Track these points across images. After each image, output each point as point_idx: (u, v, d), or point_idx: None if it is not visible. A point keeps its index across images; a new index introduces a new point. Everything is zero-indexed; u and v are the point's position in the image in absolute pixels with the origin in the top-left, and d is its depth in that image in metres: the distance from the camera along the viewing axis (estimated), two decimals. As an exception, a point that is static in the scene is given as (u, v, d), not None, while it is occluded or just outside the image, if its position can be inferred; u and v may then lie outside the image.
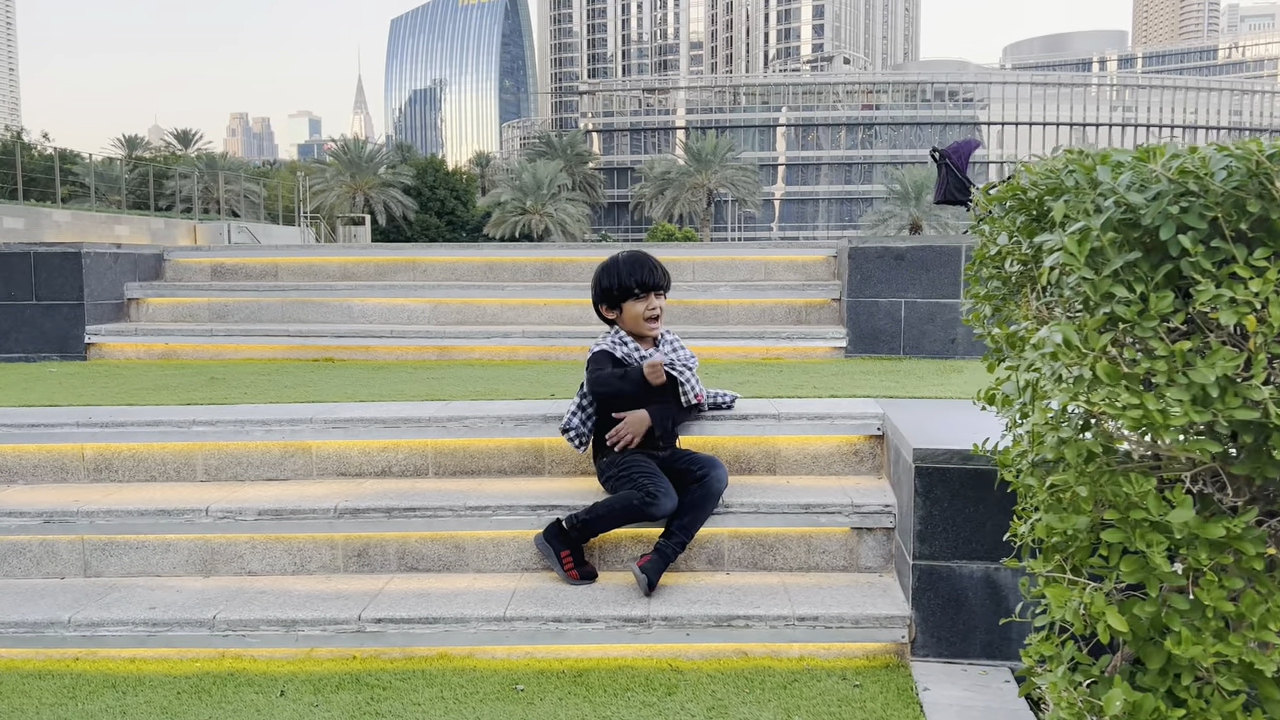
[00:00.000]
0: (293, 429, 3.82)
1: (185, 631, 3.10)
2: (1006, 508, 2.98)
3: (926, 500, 3.02)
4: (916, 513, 3.03)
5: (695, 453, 3.56)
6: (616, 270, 3.57)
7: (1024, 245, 2.20)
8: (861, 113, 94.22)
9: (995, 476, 2.99)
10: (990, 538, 3.01)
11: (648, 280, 3.53)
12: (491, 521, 3.45)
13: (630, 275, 3.53)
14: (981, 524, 3.01)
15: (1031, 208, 2.21)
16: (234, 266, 6.65)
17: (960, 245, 5.42)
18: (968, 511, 3.01)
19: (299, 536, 3.50)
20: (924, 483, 3.02)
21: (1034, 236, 2.21)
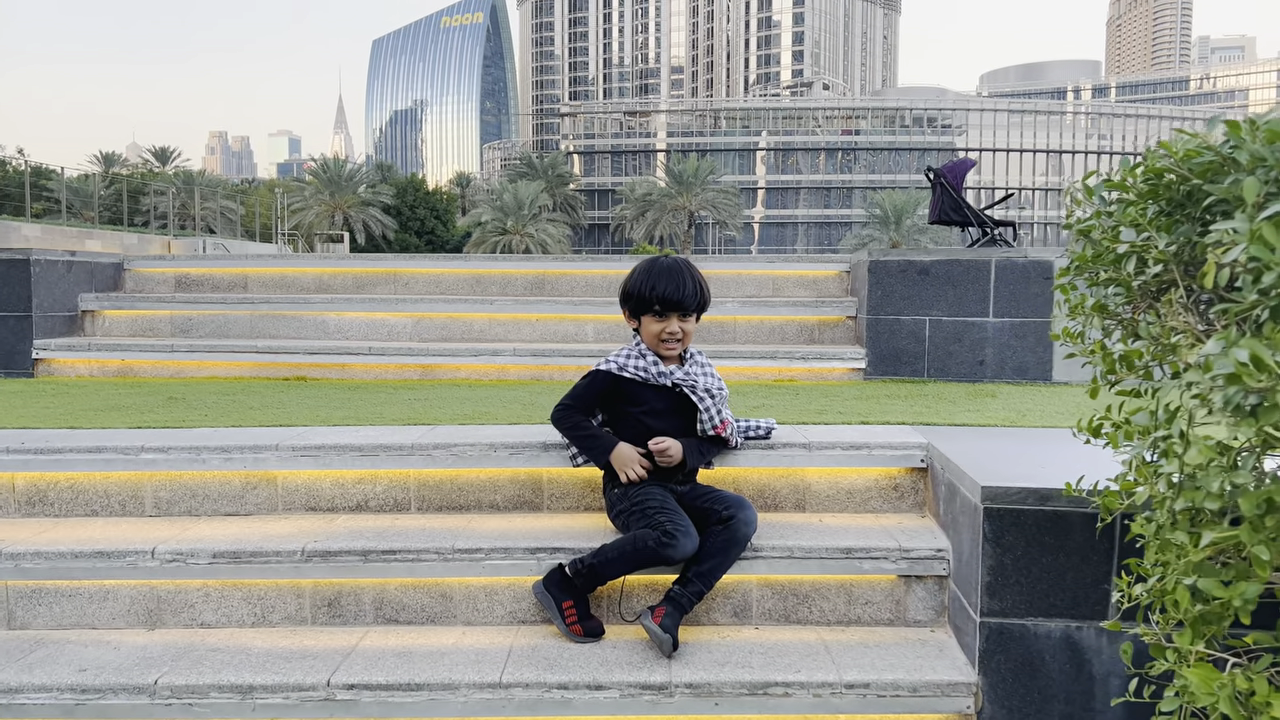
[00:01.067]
0: (256, 457, 3.34)
1: (121, 699, 2.61)
2: (1090, 557, 2.56)
3: (997, 547, 2.59)
4: (984, 561, 2.59)
5: (719, 490, 3.10)
6: (645, 276, 3.10)
7: (1161, 243, 1.77)
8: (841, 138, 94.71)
9: (1079, 521, 2.56)
10: (1071, 591, 2.57)
11: (671, 298, 3.05)
12: (484, 566, 2.98)
13: (654, 287, 3.06)
14: (1061, 575, 2.57)
15: (1173, 192, 1.79)
16: (200, 277, 6.15)
17: (990, 259, 5.01)
18: (1045, 561, 2.58)
19: (260, 583, 3.02)
20: (994, 527, 2.58)
21: (1172, 230, 1.79)
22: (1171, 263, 1.76)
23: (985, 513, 2.59)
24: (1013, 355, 5.03)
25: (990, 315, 5.01)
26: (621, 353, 3.16)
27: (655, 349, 3.11)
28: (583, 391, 3.13)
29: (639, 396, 3.10)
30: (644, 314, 3.09)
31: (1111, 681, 2.57)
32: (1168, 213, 1.85)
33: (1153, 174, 1.77)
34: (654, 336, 3.09)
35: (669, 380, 3.09)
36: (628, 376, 3.09)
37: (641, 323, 3.12)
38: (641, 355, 3.12)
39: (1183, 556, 1.71)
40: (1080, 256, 2.13)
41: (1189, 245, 1.77)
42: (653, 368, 3.09)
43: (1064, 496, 2.55)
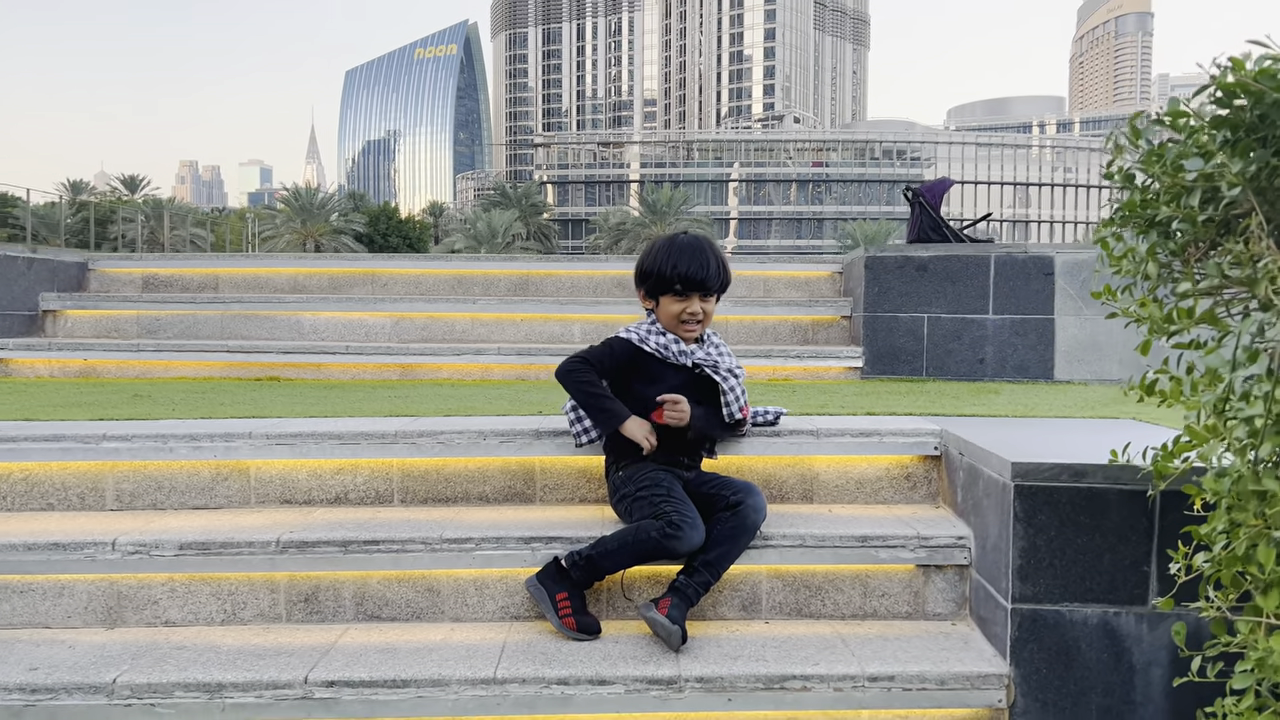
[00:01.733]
0: (227, 445, 3.11)
1: (75, 699, 2.37)
2: (1129, 537, 2.39)
3: (1029, 528, 2.41)
4: (1015, 544, 2.42)
5: (726, 476, 2.92)
6: (666, 254, 2.89)
7: (1235, 167, 1.62)
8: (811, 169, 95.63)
9: (1116, 499, 2.40)
10: (1108, 575, 2.40)
11: (694, 277, 2.85)
12: (475, 557, 2.76)
13: (675, 266, 2.85)
14: (1098, 557, 2.40)
15: (1243, 117, 1.64)
16: (169, 278, 5.91)
17: (989, 254, 4.89)
18: (1080, 542, 2.41)
19: (231, 577, 2.79)
20: (1026, 506, 2.41)
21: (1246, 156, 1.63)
22: (1247, 188, 1.60)
23: (1016, 491, 2.41)
24: (1014, 353, 4.90)
25: (990, 312, 4.88)
26: (640, 326, 2.95)
27: (674, 330, 2.92)
28: (600, 354, 2.90)
29: (657, 375, 2.90)
30: (664, 294, 2.89)
31: (1153, 671, 2.40)
32: (1234, 142, 1.70)
33: (1224, 90, 1.62)
34: (673, 317, 2.90)
35: (689, 360, 2.91)
36: (648, 351, 2.89)
37: (660, 303, 2.92)
38: (661, 333, 2.92)
39: (1271, 508, 1.54)
40: (1129, 203, 1.97)
41: (1266, 170, 1.62)
42: (673, 345, 2.90)
43: (1100, 472, 2.39)
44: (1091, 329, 4.86)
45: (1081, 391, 4.46)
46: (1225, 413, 1.66)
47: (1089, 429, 3.24)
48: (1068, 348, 4.87)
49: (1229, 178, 1.60)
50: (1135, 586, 2.40)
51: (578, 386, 2.87)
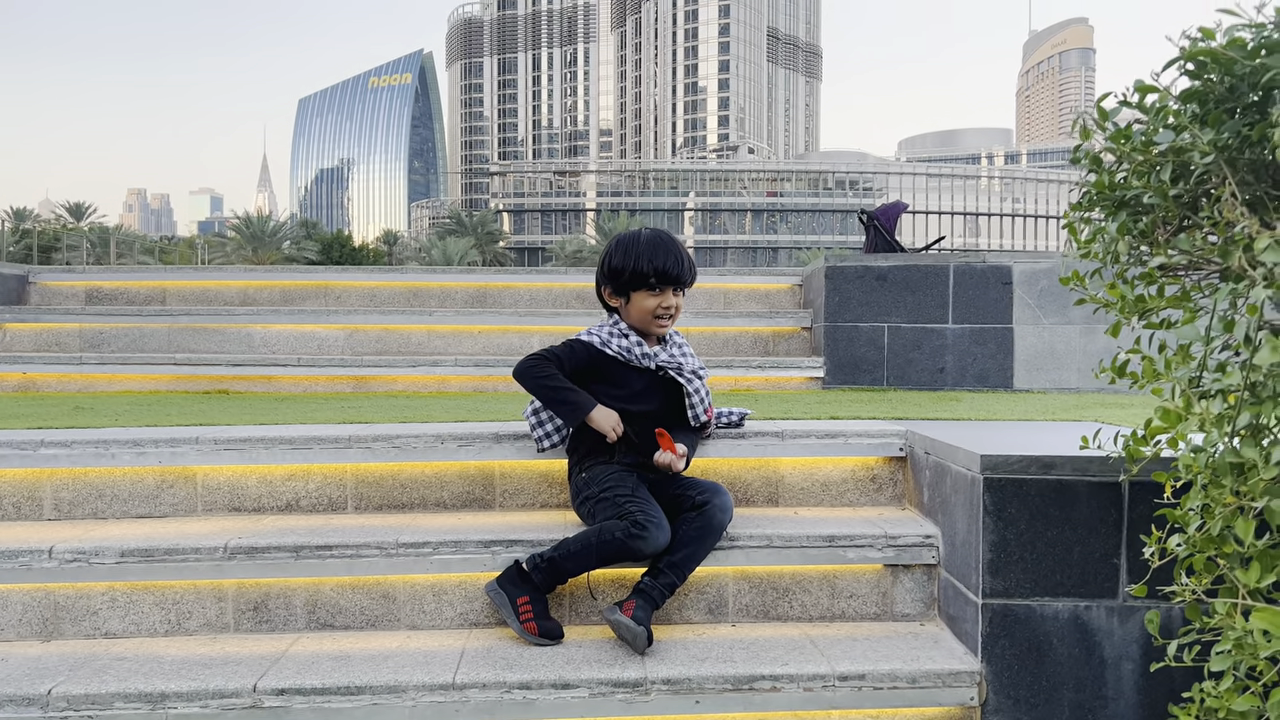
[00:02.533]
0: (173, 451, 2.99)
1: (6, 713, 2.23)
2: (1098, 529, 2.37)
3: (999, 521, 2.38)
4: (986, 538, 2.39)
5: (692, 477, 2.86)
6: (636, 249, 2.83)
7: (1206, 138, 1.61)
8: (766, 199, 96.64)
9: (1085, 491, 2.38)
10: (1078, 568, 2.37)
11: (670, 271, 2.81)
12: (432, 562, 2.67)
13: (651, 260, 2.80)
14: (1068, 550, 2.38)
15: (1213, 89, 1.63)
16: (114, 291, 5.74)
17: (948, 264, 4.91)
18: (1050, 535, 2.38)
19: (175, 585, 2.66)
20: (995, 499, 2.38)
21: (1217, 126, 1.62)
22: (1219, 158, 1.59)
23: (985, 484, 2.38)
24: (973, 362, 4.91)
25: (950, 322, 4.89)
26: (601, 329, 2.89)
27: (645, 326, 2.86)
28: (560, 353, 2.83)
29: (619, 378, 2.83)
30: (636, 289, 2.83)
31: (1124, 665, 2.37)
32: (1203, 115, 1.70)
33: (1193, 60, 1.61)
34: (648, 313, 2.83)
35: (653, 362, 2.85)
36: (610, 354, 2.83)
37: (632, 299, 2.85)
38: (624, 335, 2.86)
39: (1248, 482, 1.52)
40: (1098, 184, 1.96)
41: (1236, 140, 1.61)
42: (636, 348, 2.84)
43: (1069, 464, 2.37)
44: (1050, 338, 4.89)
45: (1042, 399, 4.47)
46: (1199, 388, 1.64)
47: (1053, 429, 3.24)
48: (1027, 357, 4.89)
49: (1200, 147, 1.59)
50: (1106, 579, 2.38)
51: (537, 382, 2.79)
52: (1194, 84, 1.67)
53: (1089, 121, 2.00)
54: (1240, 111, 1.64)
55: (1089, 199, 2.03)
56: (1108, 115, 1.94)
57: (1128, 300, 1.89)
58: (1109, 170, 1.97)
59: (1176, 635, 1.89)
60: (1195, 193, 1.72)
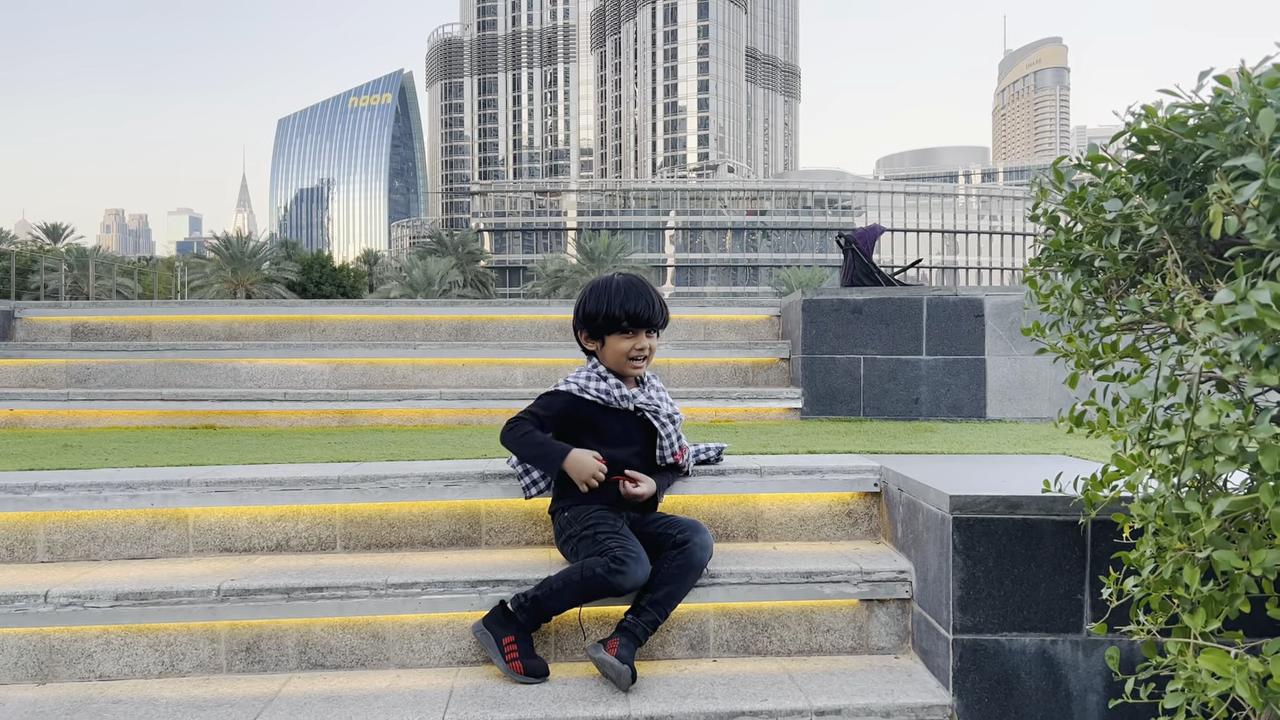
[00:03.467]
0: (165, 493, 3.05)
1: (4, 758, 2.29)
2: (1062, 566, 2.47)
3: (968, 559, 2.48)
4: (955, 575, 2.48)
5: (673, 515, 2.94)
6: (608, 294, 2.94)
7: (1151, 208, 1.72)
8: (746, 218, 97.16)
9: (1050, 529, 2.48)
10: (1044, 604, 2.48)
11: (642, 314, 2.92)
12: (420, 602, 2.74)
13: (623, 305, 2.91)
14: (1034, 587, 2.48)
15: (1156, 161, 1.75)
16: (100, 326, 5.78)
17: (921, 297, 5.03)
18: (1017, 572, 2.48)
19: (169, 627, 2.72)
20: (964, 538, 2.48)
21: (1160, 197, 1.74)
22: (1162, 227, 1.70)
23: (955, 524, 2.48)
24: (947, 393, 5.03)
25: (924, 353, 5.01)
26: (580, 374, 2.98)
27: (621, 369, 2.96)
28: (539, 409, 2.93)
29: (596, 422, 2.93)
30: (610, 333, 2.94)
31: (1089, 698, 2.47)
32: (1149, 185, 1.81)
33: (1138, 136, 1.73)
34: (622, 355, 2.94)
35: (631, 404, 2.95)
36: (588, 399, 2.92)
37: (606, 343, 2.95)
38: (602, 378, 2.95)
39: (1194, 531, 1.62)
40: (1055, 242, 2.07)
41: (1179, 210, 1.73)
42: (615, 390, 2.93)
43: (1034, 504, 2.48)
44: (1021, 369, 5.02)
45: (1013, 429, 4.59)
46: (1149, 441, 1.74)
47: (1022, 464, 3.34)
48: (999, 387, 5.02)
49: (1145, 218, 1.70)
50: (1070, 614, 2.48)
51: (516, 442, 2.89)
52: (1139, 156, 1.78)
53: (1045, 182, 2.12)
54: (1184, 181, 1.75)
55: (1047, 256, 2.14)
56: (1063, 177, 2.06)
57: (1083, 353, 2.00)
58: (1065, 229, 2.09)
59: (1136, 669, 1.99)
60: (1144, 254, 1.83)
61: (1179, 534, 1.69)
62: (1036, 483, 2.76)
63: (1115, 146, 1.88)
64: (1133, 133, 1.75)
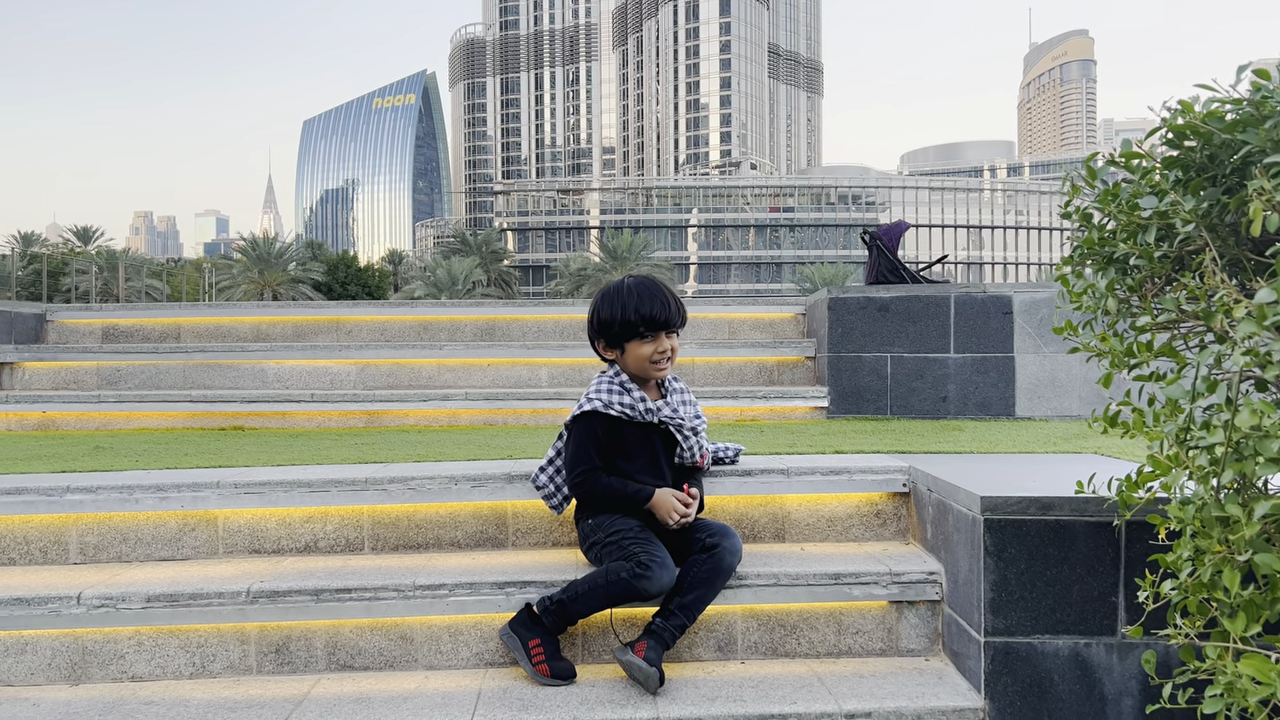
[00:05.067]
0: (195, 495, 3.07)
1: (39, 759, 2.31)
2: (1096, 568, 2.43)
3: (1000, 561, 2.45)
4: (987, 578, 2.46)
5: (701, 518, 2.93)
6: (621, 300, 2.88)
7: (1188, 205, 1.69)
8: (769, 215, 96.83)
9: (1083, 531, 2.45)
10: (1078, 606, 2.44)
11: (659, 316, 2.85)
12: (448, 604, 2.75)
13: (638, 309, 2.85)
14: (1067, 589, 2.44)
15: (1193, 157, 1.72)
16: (130, 328, 5.84)
17: (949, 294, 4.99)
18: (1049, 574, 2.45)
19: (200, 628, 2.74)
20: (996, 540, 2.45)
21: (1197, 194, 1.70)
22: (1200, 225, 1.67)
23: (986, 525, 2.46)
24: (975, 391, 4.98)
25: (951, 351, 4.97)
26: (600, 389, 2.89)
27: (644, 373, 2.90)
28: (588, 443, 2.83)
29: (625, 437, 2.87)
30: (629, 340, 2.89)
31: (1124, 701, 2.43)
32: (1185, 182, 1.78)
33: (1175, 132, 1.70)
34: (644, 359, 2.87)
35: (656, 417, 2.89)
36: (614, 415, 2.86)
37: (626, 350, 2.89)
38: (624, 390, 2.88)
39: (1234, 534, 1.59)
40: (1087, 241, 2.04)
41: (1217, 207, 1.69)
42: (639, 404, 2.86)
43: (1067, 505, 2.44)
44: (1051, 366, 4.97)
45: (1043, 427, 4.54)
46: (1186, 442, 1.71)
47: (1053, 463, 3.31)
48: (1028, 385, 4.97)
49: (1182, 215, 1.67)
50: (1104, 617, 2.44)
51: (599, 499, 2.82)
52: (1175, 153, 1.75)
53: (1077, 179, 2.08)
54: (1222, 178, 1.72)
55: (1080, 254, 2.11)
56: (1096, 174, 2.03)
57: (1117, 352, 1.96)
58: (1098, 227, 2.05)
59: (1173, 674, 1.95)
60: (1180, 252, 1.80)
61: (1218, 536, 1.66)
62: (1068, 483, 2.73)
63: (1150, 142, 1.85)
64: (1169, 128, 1.72)
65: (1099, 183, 2.03)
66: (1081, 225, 2.09)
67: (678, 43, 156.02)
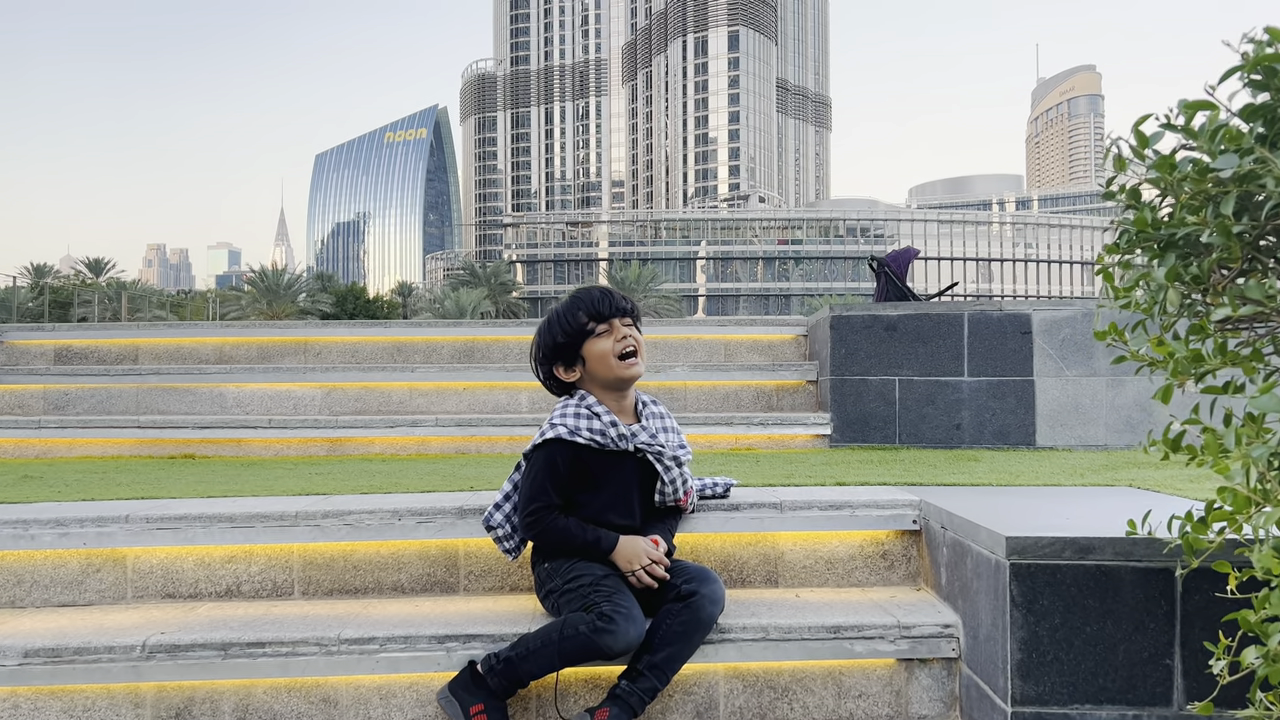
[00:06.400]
0: (99, 531, 2.68)
1: None
2: (1146, 624, 2.02)
3: (1029, 615, 2.04)
4: (1014, 635, 2.04)
5: (678, 560, 2.52)
6: (557, 314, 2.54)
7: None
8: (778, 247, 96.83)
9: (1131, 579, 2.03)
10: (1124, 670, 2.02)
11: (602, 306, 2.49)
12: (378, 661, 2.34)
13: (574, 308, 2.51)
14: (1111, 649, 2.03)
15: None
16: (85, 350, 5.48)
17: (962, 312, 4.59)
18: (1089, 631, 2.03)
19: (87, 689, 2.34)
20: (1025, 589, 2.04)
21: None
22: (1299, 184, 1.28)
23: (1012, 571, 2.04)
24: (992, 418, 4.57)
25: (965, 374, 4.56)
26: (566, 414, 2.48)
27: (615, 377, 2.49)
28: (545, 477, 2.44)
29: (596, 469, 2.47)
30: (584, 343, 2.50)
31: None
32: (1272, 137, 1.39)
33: (1262, 67, 1.31)
34: (609, 356, 2.47)
35: (631, 444, 2.49)
36: (582, 442, 2.45)
37: (586, 359, 2.50)
38: (592, 415, 2.48)
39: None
40: (1139, 221, 1.65)
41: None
42: (611, 429, 2.46)
43: (1110, 547, 2.03)
44: (1074, 391, 4.55)
45: (1067, 458, 4.12)
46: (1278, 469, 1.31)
47: (1084, 498, 2.89)
48: (1050, 411, 4.55)
49: (1276, 172, 1.28)
50: (1157, 683, 2.02)
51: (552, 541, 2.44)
52: (1260, 98, 1.36)
53: (1125, 148, 1.69)
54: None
55: (1127, 240, 1.71)
56: (1147, 141, 1.64)
57: (1180, 359, 1.57)
58: (1151, 206, 1.66)
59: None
60: (1264, 229, 1.41)
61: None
62: (1105, 520, 2.32)
63: (1223, 91, 1.46)
64: (1251, 65, 1.33)
65: (1150, 153, 1.64)
66: (1129, 205, 1.70)
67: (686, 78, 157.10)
